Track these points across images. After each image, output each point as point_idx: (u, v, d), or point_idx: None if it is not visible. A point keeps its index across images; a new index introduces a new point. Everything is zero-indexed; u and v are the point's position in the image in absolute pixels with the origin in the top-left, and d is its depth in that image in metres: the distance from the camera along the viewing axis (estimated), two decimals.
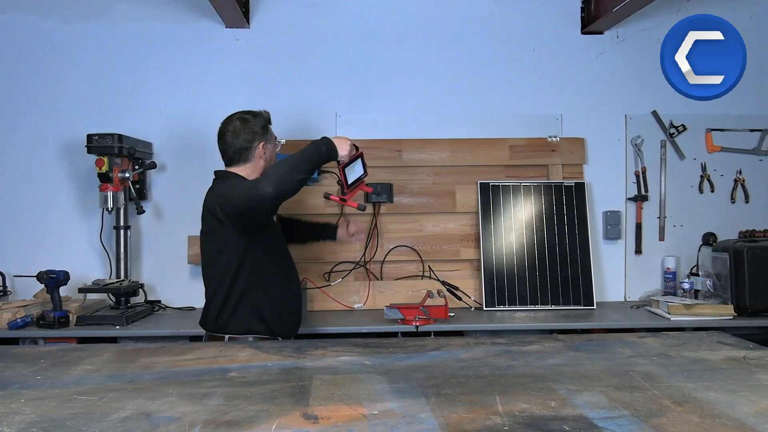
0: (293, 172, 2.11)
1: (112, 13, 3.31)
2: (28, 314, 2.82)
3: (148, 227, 3.33)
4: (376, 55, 3.39)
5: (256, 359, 1.89)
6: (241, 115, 2.42)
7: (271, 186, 2.06)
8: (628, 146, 3.44)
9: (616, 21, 3.31)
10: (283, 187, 2.09)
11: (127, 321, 2.81)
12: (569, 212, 3.28)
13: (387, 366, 1.80)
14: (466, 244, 3.33)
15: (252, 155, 2.38)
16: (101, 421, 1.37)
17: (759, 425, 1.31)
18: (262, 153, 2.39)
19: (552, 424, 1.32)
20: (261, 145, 2.39)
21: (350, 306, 3.16)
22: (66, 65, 3.30)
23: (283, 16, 3.35)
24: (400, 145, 3.36)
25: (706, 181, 3.44)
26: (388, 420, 1.36)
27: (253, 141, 2.37)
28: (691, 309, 2.91)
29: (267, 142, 2.41)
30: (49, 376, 1.73)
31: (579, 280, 3.20)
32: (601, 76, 3.44)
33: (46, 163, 3.28)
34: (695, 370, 1.74)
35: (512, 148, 3.38)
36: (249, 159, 2.38)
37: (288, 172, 2.10)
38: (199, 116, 3.32)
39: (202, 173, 3.27)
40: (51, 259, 3.03)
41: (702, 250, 3.36)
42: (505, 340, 2.13)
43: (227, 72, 3.34)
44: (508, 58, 3.42)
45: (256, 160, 2.39)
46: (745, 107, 3.43)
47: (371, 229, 3.30)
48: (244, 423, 1.35)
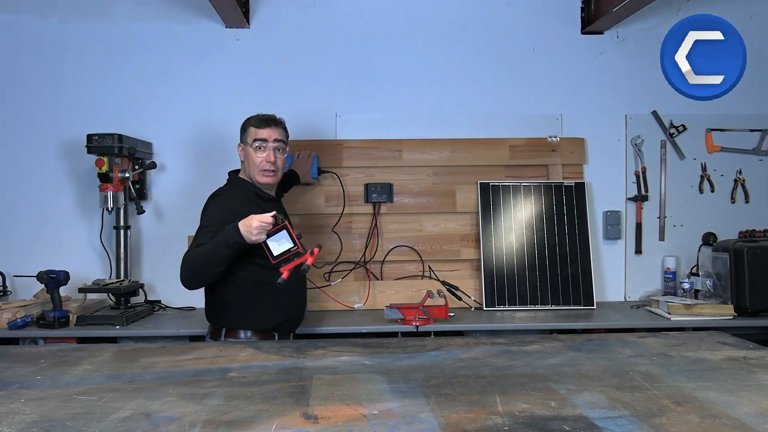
0: (206, 268, 2.21)
1: (112, 13, 3.31)
2: (28, 314, 2.82)
3: (148, 227, 3.33)
4: (376, 55, 3.39)
5: (256, 359, 1.89)
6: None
7: (187, 281, 2.24)
8: (628, 146, 3.44)
9: (616, 21, 3.31)
10: (198, 282, 2.27)
11: (127, 321, 2.81)
12: (569, 212, 3.28)
13: (387, 366, 1.80)
14: (466, 244, 3.33)
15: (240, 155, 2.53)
16: (101, 421, 1.37)
17: (759, 425, 1.31)
18: (240, 154, 2.52)
19: (552, 424, 1.32)
20: (239, 147, 2.52)
21: (350, 306, 3.16)
22: (66, 65, 3.29)
23: (283, 16, 3.35)
24: (400, 145, 3.36)
25: (706, 181, 3.44)
26: (388, 420, 1.36)
27: (239, 142, 2.52)
28: (691, 309, 2.91)
29: (242, 143, 2.50)
30: (49, 376, 1.73)
31: (579, 280, 3.20)
32: (601, 76, 3.43)
33: (46, 163, 3.28)
34: (695, 370, 1.74)
35: (512, 148, 3.38)
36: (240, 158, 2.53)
37: (201, 269, 2.21)
38: (199, 116, 3.32)
39: (202, 173, 3.30)
40: (51, 259, 3.03)
41: (702, 250, 3.36)
42: (505, 340, 2.14)
43: (227, 72, 3.34)
44: (508, 58, 3.42)
45: (241, 160, 2.53)
46: (745, 107, 3.43)
47: (371, 228, 3.30)
48: (244, 423, 1.35)
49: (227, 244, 2.15)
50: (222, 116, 3.32)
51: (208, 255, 2.19)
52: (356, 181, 3.31)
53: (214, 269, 2.20)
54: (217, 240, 2.18)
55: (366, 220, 3.32)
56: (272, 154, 2.43)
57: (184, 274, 2.22)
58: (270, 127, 2.46)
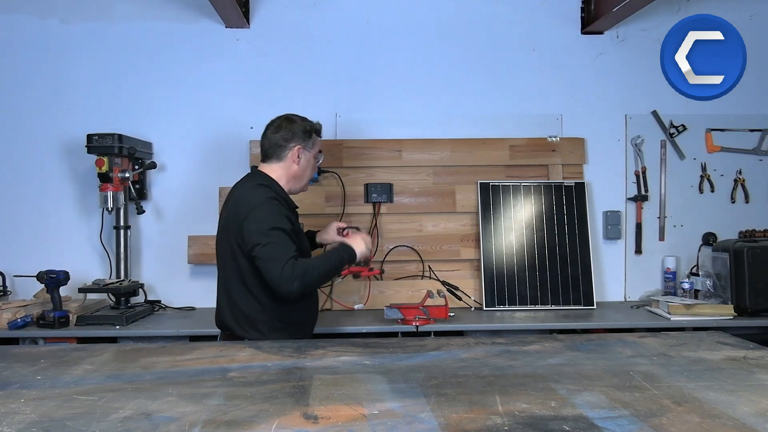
0: (321, 279, 2.24)
1: (113, 13, 3.31)
2: (28, 314, 2.82)
3: (148, 227, 3.33)
4: (377, 55, 3.39)
5: (256, 359, 1.89)
6: (290, 115, 2.42)
7: (300, 289, 2.12)
8: (628, 146, 3.44)
9: (616, 21, 3.31)
10: (308, 289, 2.22)
11: (127, 321, 2.81)
12: (569, 212, 3.28)
13: (387, 366, 1.80)
14: (466, 244, 3.33)
15: (285, 155, 2.35)
16: (101, 421, 1.37)
17: (759, 425, 1.31)
18: (296, 157, 2.35)
19: (552, 424, 1.32)
20: (297, 149, 2.35)
21: (350, 306, 3.16)
22: (66, 65, 3.30)
23: (283, 16, 3.35)
24: (400, 145, 3.36)
25: (706, 181, 3.44)
26: (388, 420, 1.36)
27: (290, 141, 2.35)
28: (691, 309, 2.91)
29: (305, 148, 2.37)
30: (49, 376, 1.73)
31: (579, 280, 3.20)
32: (601, 76, 3.43)
33: (46, 163, 3.29)
34: (695, 370, 1.74)
35: (512, 148, 3.38)
36: (282, 158, 2.35)
37: (317, 280, 2.22)
38: (199, 116, 3.32)
39: (202, 173, 3.31)
40: (51, 259, 3.03)
41: (702, 250, 3.36)
42: (505, 340, 2.13)
43: (227, 72, 3.34)
44: (508, 58, 3.42)
45: (289, 162, 2.36)
46: (745, 107, 3.43)
47: (371, 228, 3.30)
48: (244, 423, 1.34)
49: (342, 261, 2.28)
50: (222, 116, 3.33)
51: (327, 269, 2.23)
52: (356, 181, 3.31)
53: (325, 281, 2.34)
54: (339, 257, 2.27)
55: (366, 220, 3.32)
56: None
57: (306, 287, 2.14)
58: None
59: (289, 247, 2.14)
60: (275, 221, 2.17)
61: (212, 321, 2.44)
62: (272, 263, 2.10)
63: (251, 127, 3.29)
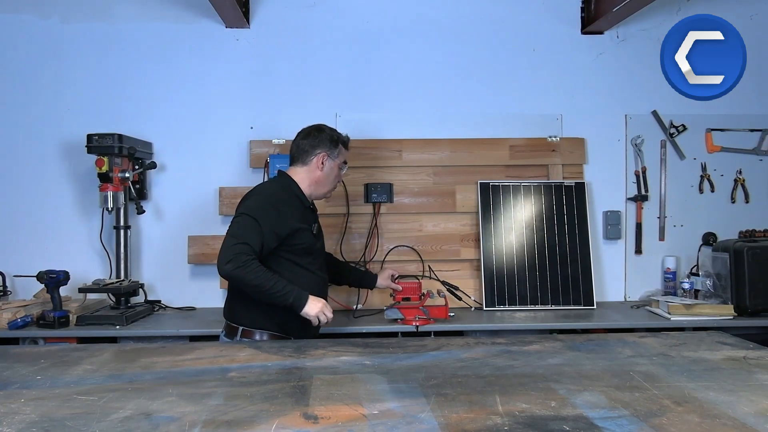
0: (252, 286, 2.18)
1: (113, 13, 3.31)
2: (28, 314, 2.82)
3: (148, 227, 3.32)
4: (376, 55, 3.39)
5: (256, 359, 1.89)
6: (321, 124, 2.53)
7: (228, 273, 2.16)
8: (628, 146, 3.44)
9: (616, 21, 3.31)
10: (238, 282, 2.20)
11: (127, 321, 2.81)
12: (569, 212, 3.28)
13: (387, 366, 1.80)
14: (466, 244, 3.33)
15: (310, 160, 2.44)
16: (101, 421, 1.37)
17: (759, 425, 1.31)
18: (320, 163, 2.44)
19: (552, 424, 1.32)
20: (322, 156, 2.44)
21: (350, 306, 3.16)
22: (66, 65, 3.29)
23: (283, 16, 3.35)
24: (400, 145, 3.36)
25: (706, 181, 3.44)
26: (388, 420, 1.36)
27: (316, 147, 2.44)
28: (691, 309, 2.91)
29: (330, 156, 2.45)
30: (49, 376, 1.73)
31: (579, 280, 3.20)
32: (601, 76, 3.43)
33: (46, 163, 3.28)
34: (695, 370, 1.74)
35: (512, 148, 3.38)
36: (306, 163, 2.44)
37: (249, 283, 2.17)
38: (199, 116, 3.32)
39: (202, 173, 3.31)
40: (51, 259, 3.03)
41: (702, 250, 3.36)
42: (505, 340, 2.14)
43: (227, 72, 3.34)
44: (508, 58, 3.42)
45: (313, 168, 2.44)
46: (745, 107, 3.43)
47: (371, 228, 3.30)
48: (244, 423, 1.35)
49: (285, 299, 2.20)
50: (222, 116, 3.33)
51: (266, 291, 2.18)
52: (356, 181, 3.31)
53: (256, 293, 2.20)
54: (282, 289, 2.19)
55: (366, 220, 3.32)
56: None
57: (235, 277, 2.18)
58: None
59: (250, 235, 2.21)
60: (255, 210, 2.26)
61: (212, 321, 2.45)
62: (228, 239, 2.21)
63: (251, 127, 3.30)
